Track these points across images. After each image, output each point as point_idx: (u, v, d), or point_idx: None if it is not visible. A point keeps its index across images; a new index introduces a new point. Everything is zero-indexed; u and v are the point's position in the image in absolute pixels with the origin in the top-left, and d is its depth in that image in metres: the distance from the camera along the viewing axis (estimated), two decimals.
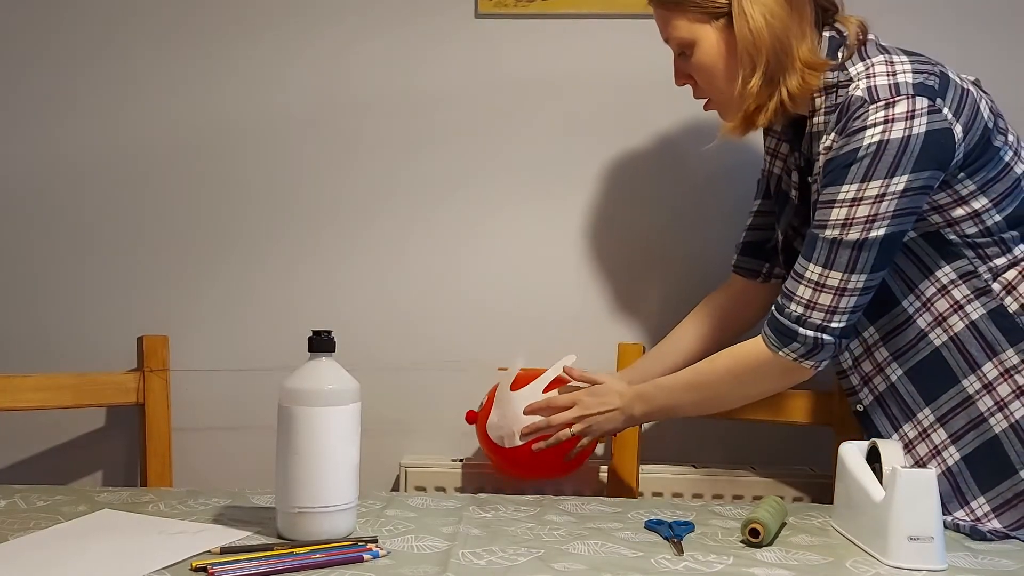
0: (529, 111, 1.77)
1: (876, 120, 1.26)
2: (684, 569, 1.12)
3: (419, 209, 1.78)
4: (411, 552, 1.16)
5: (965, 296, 1.32)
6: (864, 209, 1.27)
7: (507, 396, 1.55)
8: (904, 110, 1.25)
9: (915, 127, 1.25)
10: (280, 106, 1.78)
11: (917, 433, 1.36)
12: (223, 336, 1.79)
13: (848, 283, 1.29)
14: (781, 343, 1.33)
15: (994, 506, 1.31)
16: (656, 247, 1.77)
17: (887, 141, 1.25)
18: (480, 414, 1.60)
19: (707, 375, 1.43)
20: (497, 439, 1.54)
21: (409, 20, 1.76)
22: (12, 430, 1.77)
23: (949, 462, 1.33)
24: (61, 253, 1.80)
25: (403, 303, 1.79)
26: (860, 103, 1.27)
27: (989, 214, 1.31)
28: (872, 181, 1.26)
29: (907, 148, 1.25)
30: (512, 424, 1.52)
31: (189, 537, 1.19)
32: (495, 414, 1.55)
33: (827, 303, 1.30)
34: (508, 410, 1.53)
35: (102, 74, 1.78)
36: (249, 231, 1.79)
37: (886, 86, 1.27)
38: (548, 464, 1.55)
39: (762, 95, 1.34)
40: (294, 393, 1.18)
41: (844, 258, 1.28)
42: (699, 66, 1.38)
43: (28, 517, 1.27)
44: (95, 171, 1.79)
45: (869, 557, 1.17)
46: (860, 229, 1.27)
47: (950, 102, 1.27)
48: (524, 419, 1.51)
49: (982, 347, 1.31)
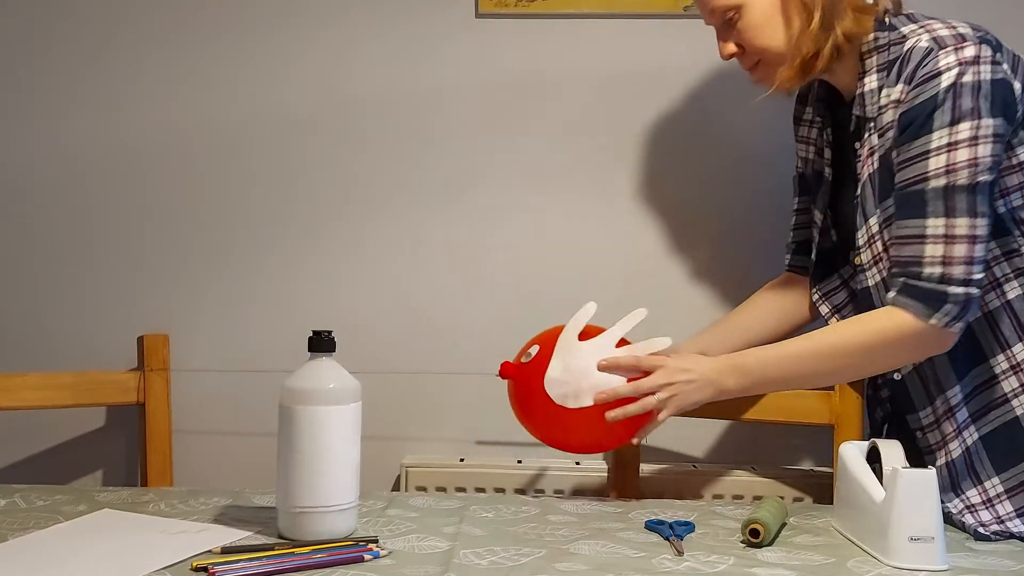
0: (530, 111, 1.77)
1: (948, 63, 1.24)
2: (685, 569, 1.12)
3: (419, 209, 1.78)
4: (412, 552, 1.16)
5: (1005, 275, 1.31)
6: (963, 152, 1.23)
7: (575, 347, 1.34)
8: (973, 54, 1.24)
9: (984, 73, 1.24)
10: (281, 105, 1.78)
11: (945, 409, 1.34)
12: (224, 335, 1.79)
13: (976, 229, 1.23)
14: (932, 309, 1.24)
15: (1008, 487, 1.31)
16: (662, 245, 1.77)
17: (962, 84, 1.23)
18: (526, 367, 1.36)
19: (837, 344, 1.32)
20: (559, 397, 1.33)
21: (410, 20, 1.76)
22: (12, 429, 1.77)
23: (968, 441, 1.33)
24: (62, 252, 1.80)
25: (404, 303, 1.79)
26: (927, 51, 1.26)
27: None
28: (960, 123, 1.23)
29: (982, 91, 1.23)
30: (580, 380, 1.32)
31: (190, 537, 1.19)
32: (557, 366, 1.33)
33: (963, 254, 1.23)
34: (576, 363, 1.33)
35: (103, 73, 1.78)
36: (250, 230, 1.79)
37: (950, 35, 1.26)
38: (608, 434, 1.36)
39: (820, 39, 1.32)
40: (295, 392, 1.18)
41: (963, 203, 1.23)
42: (749, 26, 1.36)
43: (28, 516, 1.27)
44: (96, 170, 1.79)
45: (870, 557, 1.17)
46: (967, 173, 1.23)
47: (1006, 59, 1.27)
48: (597, 376, 1.33)
49: (1015, 328, 1.30)
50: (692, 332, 1.71)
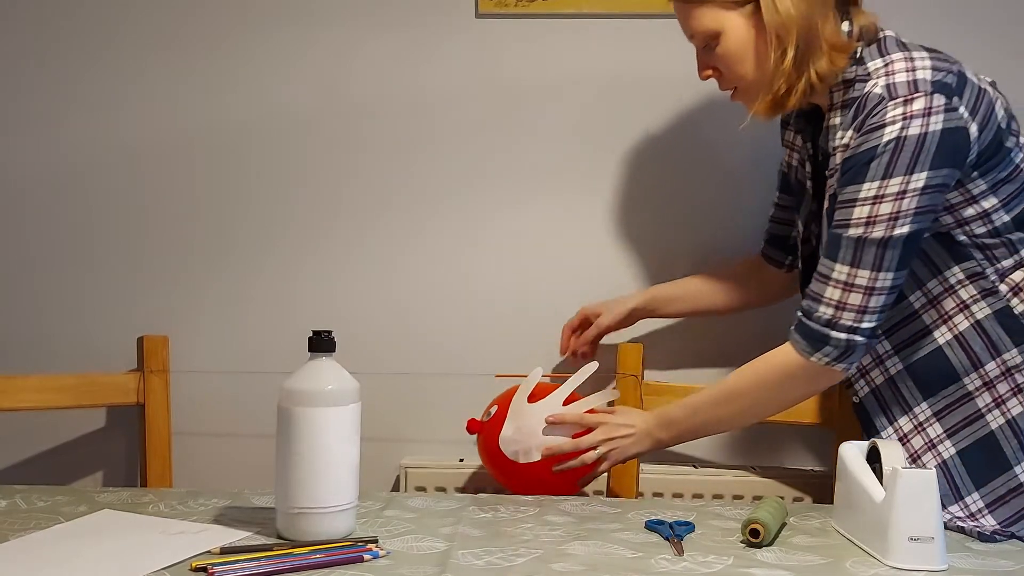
0: (530, 111, 1.77)
1: (895, 117, 1.25)
2: (684, 569, 1.12)
3: (420, 209, 1.78)
4: (411, 552, 1.16)
5: (972, 296, 1.33)
6: (887, 207, 1.26)
7: (524, 409, 1.49)
8: (922, 107, 1.25)
9: (932, 124, 1.25)
10: (281, 106, 1.78)
11: (913, 427, 1.37)
12: (223, 336, 1.79)
13: (877, 281, 1.28)
14: (813, 348, 1.31)
15: (988, 502, 1.32)
16: (660, 248, 1.77)
17: (905, 138, 1.25)
18: (487, 425, 1.53)
19: (735, 388, 1.40)
20: (511, 454, 1.48)
21: (409, 20, 1.76)
22: (13, 431, 1.77)
23: (944, 456, 1.34)
24: (62, 253, 1.80)
25: (404, 304, 1.79)
26: (878, 100, 1.27)
27: (998, 214, 1.31)
28: (892, 178, 1.25)
29: (924, 145, 1.24)
30: (529, 439, 1.47)
31: (189, 537, 1.19)
32: (509, 427, 1.48)
33: (857, 303, 1.28)
34: (525, 424, 1.48)
35: (103, 73, 1.78)
36: (249, 232, 1.79)
37: (905, 83, 1.27)
38: (557, 483, 1.49)
39: (792, 77, 1.33)
40: (294, 393, 1.18)
41: (871, 256, 1.27)
42: (727, 55, 1.37)
43: (28, 517, 1.27)
44: (96, 171, 1.79)
45: (869, 557, 1.17)
46: (884, 227, 1.26)
47: (967, 101, 1.28)
48: (543, 436, 1.47)
49: (986, 346, 1.32)
50: (688, 337, 1.72)
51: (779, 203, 1.61)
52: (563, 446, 1.46)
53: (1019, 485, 1.30)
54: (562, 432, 1.47)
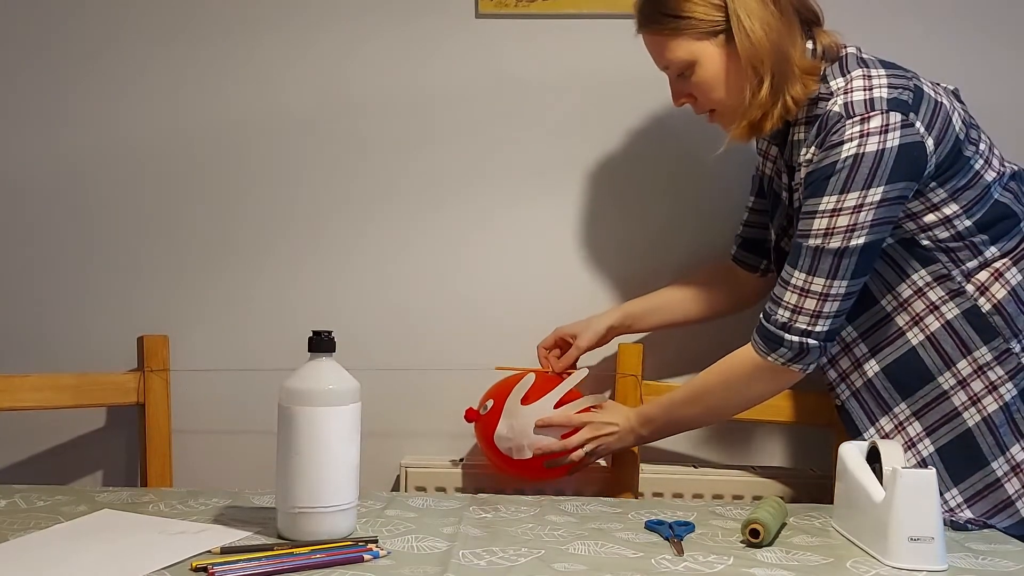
0: (530, 111, 1.77)
1: (852, 135, 1.31)
2: (684, 569, 1.12)
3: (420, 209, 1.78)
4: (411, 552, 1.16)
5: (940, 297, 1.37)
6: (844, 219, 1.31)
7: (518, 410, 1.55)
8: (878, 125, 1.30)
9: (888, 141, 1.30)
10: (281, 106, 1.78)
11: (893, 426, 1.41)
12: (223, 336, 1.79)
13: (831, 288, 1.33)
14: (769, 348, 1.37)
15: (966, 497, 1.35)
16: (658, 246, 1.77)
17: (863, 155, 1.30)
18: (484, 418, 1.59)
19: (702, 387, 1.47)
20: (505, 450, 1.55)
21: (409, 20, 1.76)
22: (12, 430, 1.77)
23: (924, 453, 1.38)
24: (62, 253, 1.80)
25: (404, 303, 1.79)
26: (837, 118, 1.33)
27: (960, 220, 1.35)
28: (850, 193, 1.31)
29: (881, 161, 1.30)
30: (521, 438, 1.53)
31: (189, 537, 1.19)
32: (504, 425, 1.55)
33: (811, 308, 1.34)
34: (518, 423, 1.54)
35: (102, 73, 1.78)
36: (250, 231, 1.79)
37: (862, 101, 1.32)
38: (546, 472, 1.57)
39: (767, 103, 1.37)
40: (294, 393, 1.18)
41: (827, 265, 1.33)
42: (702, 83, 1.41)
43: (28, 517, 1.27)
44: (97, 171, 1.79)
45: (869, 557, 1.17)
46: (841, 238, 1.32)
47: (923, 116, 1.32)
48: (534, 436, 1.53)
49: (957, 345, 1.36)
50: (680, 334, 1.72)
51: (753, 207, 1.64)
52: (552, 446, 1.53)
53: (995, 480, 1.34)
54: (552, 432, 1.53)
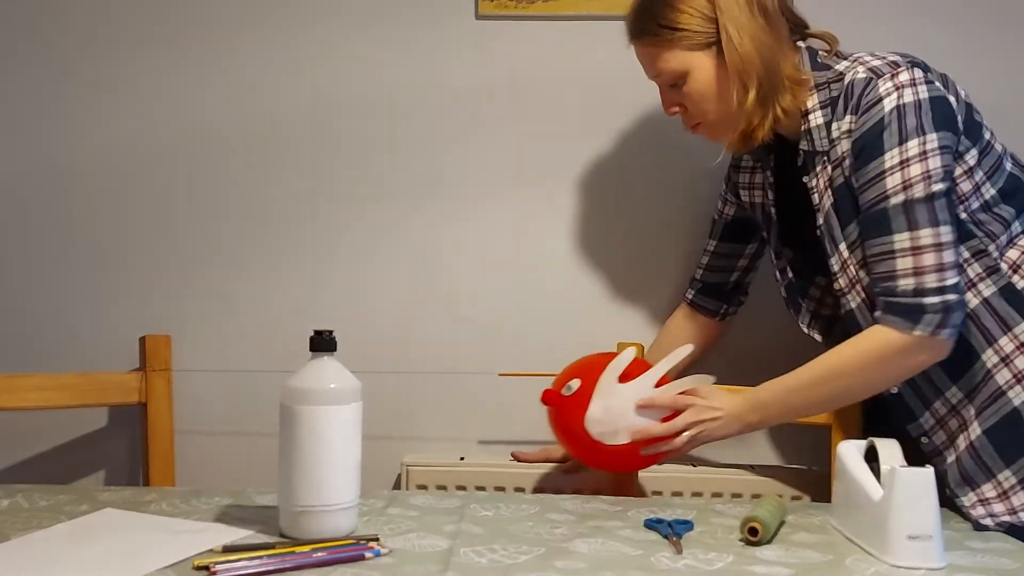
0: (530, 112, 1.77)
1: (887, 89, 1.31)
2: (685, 567, 1.12)
3: (421, 209, 1.79)
4: (413, 550, 1.16)
5: (978, 274, 1.35)
6: (915, 168, 1.29)
7: (615, 389, 1.42)
8: (908, 78, 1.31)
9: (920, 92, 1.31)
10: (280, 105, 1.78)
11: (948, 410, 1.38)
12: (225, 335, 1.80)
13: (940, 236, 1.28)
14: (912, 322, 1.29)
15: (1020, 478, 1.33)
16: (655, 245, 1.78)
17: (903, 105, 1.30)
18: (569, 400, 1.44)
19: (831, 370, 1.36)
20: (597, 435, 1.42)
21: (409, 21, 1.77)
22: (15, 430, 1.77)
23: (972, 436, 1.35)
24: (64, 252, 1.80)
25: (404, 303, 1.79)
26: (866, 81, 1.33)
27: (986, 187, 1.35)
28: (908, 142, 1.29)
29: (921, 110, 1.30)
30: (618, 421, 1.41)
31: (191, 536, 1.19)
32: (598, 407, 1.42)
33: (932, 263, 1.28)
34: (615, 405, 1.42)
35: (101, 73, 1.79)
36: (252, 231, 1.80)
37: (883, 63, 1.34)
38: (634, 462, 1.48)
39: (757, 114, 1.38)
40: (296, 392, 1.18)
41: (923, 214, 1.28)
42: (694, 93, 1.41)
43: (31, 516, 1.27)
44: (97, 171, 1.79)
45: (868, 555, 1.17)
46: (922, 185, 1.28)
47: (937, 77, 1.35)
48: (634, 418, 1.42)
49: (996, 322, 1.34)
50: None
51: (715, 251, 1.65)
52: (652, 430, 1.42)
53: None
54: (652, 415, 1.43)
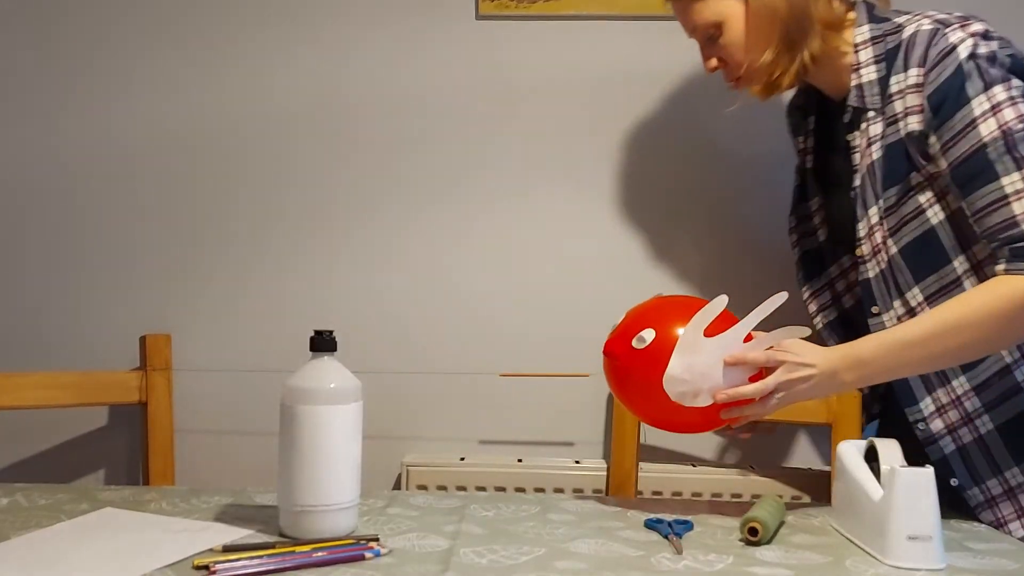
0: (530, 112, 1.77)
1: (959, 37, 1.26)
2: (685, 568, 1.12)
3: (422, 209, 1.79)
4: (413, 550, 1.16)
5: None
6: (1008, 111, 1.23)
7: (701, 345, 1.25)
8: (976, 29, 1.27)
9: (992, 45, 1.26)
10: (281, 105, 1.79)
11: (950, 400, 1.36)
12: (226, 335, 1.80)
13: None
14: None
15: None
16: (660, 247, 1.78)
17: (978, 54, 1.25)
18: (642, 353, 1.27)
19: (958, 321, 1.23)
20: (677, 395, 1.26)
21: (410, 21, 1.77)
22: (15, 428, 1.78)
23: (982, 430, 1.34)
24: (63, 252, 1.80)
25: (405, 302, 1.79)
26: (932, 32, 1.28)
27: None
28: (993, 88, 1.24)
29: (997, 59, 1.26)
30: (702, 381, 1.25)
31: (191, 535, 1.19)
32: (678, 363, 1.25)
33: None
34: (700, 362, 1.25)
35: (100, 73, 1.79)
36: (252, 231, 1.80)
37: (948, 16, 1.29)
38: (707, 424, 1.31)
39: (784, 60, 1.36)
40: (297, 392, 1.18)
41: None
42: (730, 43, 1.39)
43: (30, 515, 1.27)
44: (99, 170, 1.80)
45: (868, 556, 1.17)
46: (1021, 126, 1.23)
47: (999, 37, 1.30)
48: (720, 377, 1.25)
49: None
50: None
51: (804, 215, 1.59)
52: (743, 391, 1.25)
53: None
54: (738, 374, 1.26)
